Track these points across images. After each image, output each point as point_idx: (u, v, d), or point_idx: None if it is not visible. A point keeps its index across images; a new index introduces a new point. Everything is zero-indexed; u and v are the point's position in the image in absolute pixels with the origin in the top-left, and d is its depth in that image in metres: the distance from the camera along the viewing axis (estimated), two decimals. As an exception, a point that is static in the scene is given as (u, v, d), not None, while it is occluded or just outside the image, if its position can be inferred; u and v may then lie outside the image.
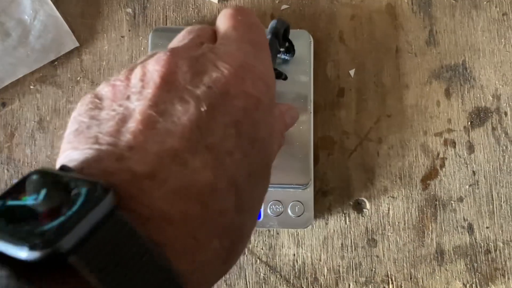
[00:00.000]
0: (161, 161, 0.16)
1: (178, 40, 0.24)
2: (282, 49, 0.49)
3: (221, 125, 0.18)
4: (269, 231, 0.51)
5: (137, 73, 0.19)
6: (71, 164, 0.16)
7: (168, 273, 0.15)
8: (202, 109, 0.18)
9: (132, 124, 0.17)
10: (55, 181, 0.15)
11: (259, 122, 0.20)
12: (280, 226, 0.49)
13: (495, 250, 0.51)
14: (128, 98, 0.18)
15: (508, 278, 0.50)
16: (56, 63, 0.53)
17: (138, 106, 0.18)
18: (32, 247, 0.12)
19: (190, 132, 0.17)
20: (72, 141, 0.18)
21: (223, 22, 0.23)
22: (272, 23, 0.41)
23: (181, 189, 0.16)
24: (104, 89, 0.20)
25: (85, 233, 0.13)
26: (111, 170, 0.16)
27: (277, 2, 0.55)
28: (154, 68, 0.19)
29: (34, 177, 0.15)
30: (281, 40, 0.43)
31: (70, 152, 0.18)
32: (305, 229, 0.51)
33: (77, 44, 0.53)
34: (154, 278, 0.14)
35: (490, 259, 0.51)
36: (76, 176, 0.15)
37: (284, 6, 0.55)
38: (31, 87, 0.53)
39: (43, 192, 0.14)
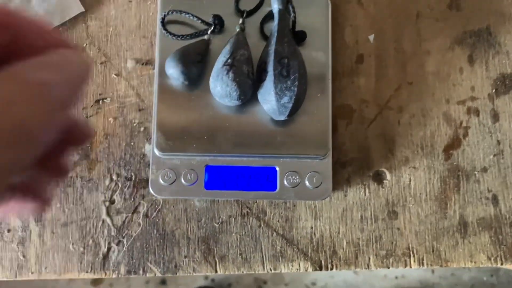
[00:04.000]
0: None
1: None
2: (293, 14, 0.47)
3: None
4: (286, 203, 0.49)
5: None
6: None
7: None
8: None
9: None
10: None
11: None
12: (297, 198, 0.46)
13: (522, 222, 0.49)
14: None
15: (535, 250, 0.48)
16: (60, 29, 0.51)
17: None
18: None
19: None
20: None
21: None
22: None
23: None
24: None
25: None
26: None
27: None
28: None
29: None
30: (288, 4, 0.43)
31: None
32: (323, 201, 0.49)
33: (83, 9, 0.50)
34: None
35: (516, 231, 0.49)
36: None
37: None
38: (35, 55, 0.51)
39: None
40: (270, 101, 0.44)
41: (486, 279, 1.42)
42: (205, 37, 0.48)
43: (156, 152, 0.46)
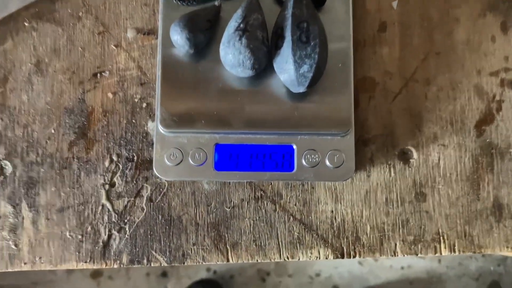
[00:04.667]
0: None
1: None
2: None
3: None
4: (303, 184, 0.45)
5: None
6: None
7: None
8: None
9: None
10: None
11: None
12: (316, 179, 0.42)
13: (562, 203, 0.44)
14: None
15: None
16: (53, -5, 0.46)
17: None
18: None
19: None
20: None
21: None
22: None
23: None
24: None
25: None
26: None
27: None
28: None
29: None
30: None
31: None
32: (344, 182, 0.45)
33: (77, -27, 0.46)
34: None
35: (556, 213, 0.44)
36: None
37: None
38: (26, 24, 0.46)
39: None
40: (287, 70, 0.39)
41: (493, 268, 1.39)
42: (216, 2, 0.43)
43: (161, 129, 0.42)
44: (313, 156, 0.42)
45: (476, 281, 1.42)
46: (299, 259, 0.43)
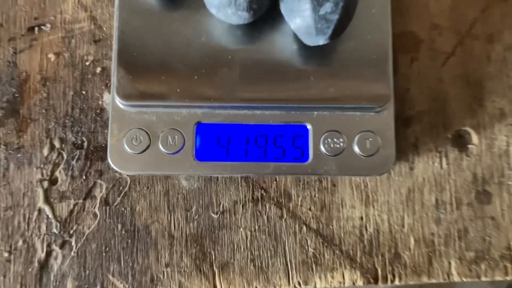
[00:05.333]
0: None
1: None
2: None
3: None
4: (321, 181, 0.32)
5: None
6: None
7: None
8: None
9: None
10: None
11: None
12: (340, 173, 0.29)
13: None
14: None
15: None
16: None
17: None
18: None
19: None
20: None
21: None
22: None
23: None
24: None
25: None
26: None
27: None
28: None
29: None
30: None
31: None
32: (378, 177, 0.32)
33: None
34: None
35: None
36: None
37: None
38: None
39: None
40: (302, 11, 0.26)
41: None
42: None
43: (118, 102, 0.29)
44: (335, 140, 0.29)
45: (492, 284, 1.30)
46: (315, 285, 0.31)
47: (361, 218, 0.32)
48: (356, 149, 0.30)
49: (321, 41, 0.28)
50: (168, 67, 0.29)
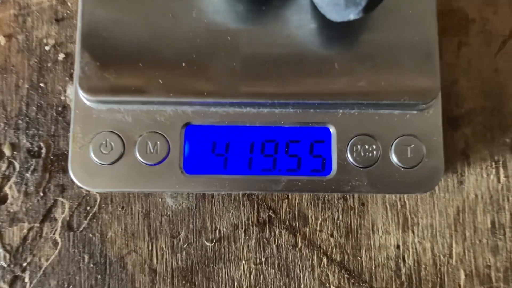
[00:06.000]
0: None
1: None
2: None
3: None
4: (346, 198, 0.25)
5: None
6: None
7: None
8: None
9: None
10: None
11: None
12: (373, 190, 0.23)
13: None
14: None
15: None
16: None
17: None
18: None
19: None
20: None
21: None
22: None
23: None
24: None
25: None
26: None
27: None
28: None
29: None
30: None
31: None
32: (422, 195, 0.25)
33: None
34: None
35: None
36: None
37: None
38: None
39: None
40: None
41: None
42: None
43: (83, 98, 0.22)
44: (367, 147, 0.23)
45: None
46: (339, 334, 0.24)
47: (397, 246, 0.25)
48: (394, 158, 0.23)
49: (352, 15, 0.20)
50: (148, 52, 0.22)
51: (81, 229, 0.25)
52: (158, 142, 0.23)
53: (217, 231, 0.25)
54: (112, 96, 0.22)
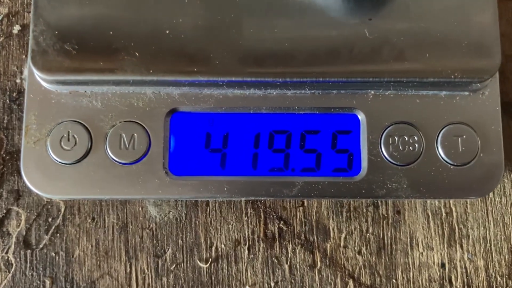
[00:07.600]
0: None
1: None
2: None
3: None
4: (377, 205, 0.20)
5: None
6: None
7: None
8: None
9: None
10: None
11: None
12: (415, 194, 0.18)
13: None
14: None
15: None
16: None
17: None
18: None
19: None
20: None
21: None
22: None
23: None
24: None
25: None
26: None
27: None
28: None
29: None
30: None
31: None
32: (475, 199, 0.20)
33: None
34: None
35: None
36: None
37: None
38: None
39: None
40: None
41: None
42: None
43: (38, 77, 0.17)
44: (406, 138, 0.18)
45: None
46: None
47: (442, 265, 0.20)
48: (441, 153, 0.18)
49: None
50: (121, 16, 0.17)
51: (41, 246, 0.20)
52: (135, 135, 0.18)
53: (213, 248, 0.20)
54: (75, 75, 0.17)
